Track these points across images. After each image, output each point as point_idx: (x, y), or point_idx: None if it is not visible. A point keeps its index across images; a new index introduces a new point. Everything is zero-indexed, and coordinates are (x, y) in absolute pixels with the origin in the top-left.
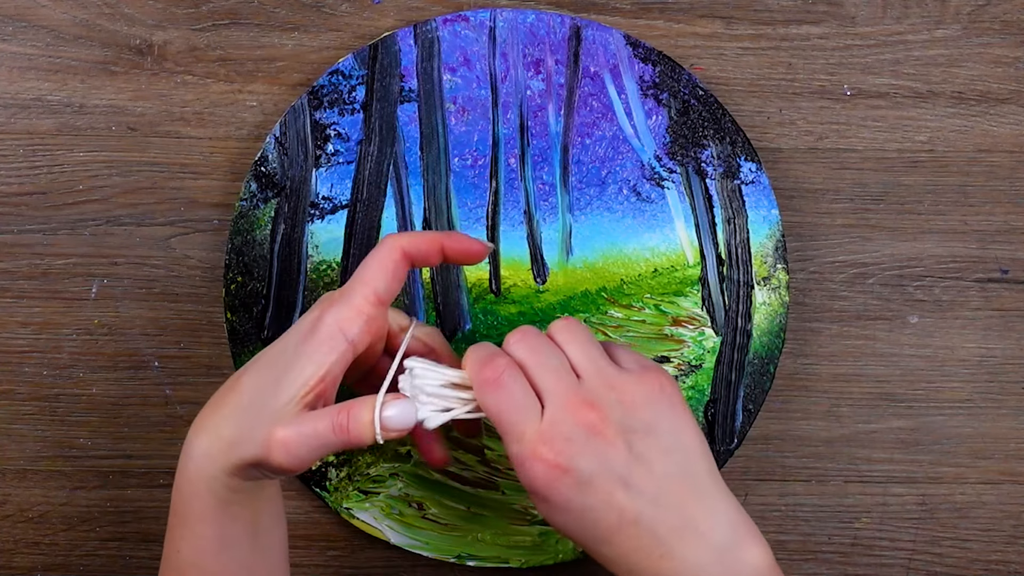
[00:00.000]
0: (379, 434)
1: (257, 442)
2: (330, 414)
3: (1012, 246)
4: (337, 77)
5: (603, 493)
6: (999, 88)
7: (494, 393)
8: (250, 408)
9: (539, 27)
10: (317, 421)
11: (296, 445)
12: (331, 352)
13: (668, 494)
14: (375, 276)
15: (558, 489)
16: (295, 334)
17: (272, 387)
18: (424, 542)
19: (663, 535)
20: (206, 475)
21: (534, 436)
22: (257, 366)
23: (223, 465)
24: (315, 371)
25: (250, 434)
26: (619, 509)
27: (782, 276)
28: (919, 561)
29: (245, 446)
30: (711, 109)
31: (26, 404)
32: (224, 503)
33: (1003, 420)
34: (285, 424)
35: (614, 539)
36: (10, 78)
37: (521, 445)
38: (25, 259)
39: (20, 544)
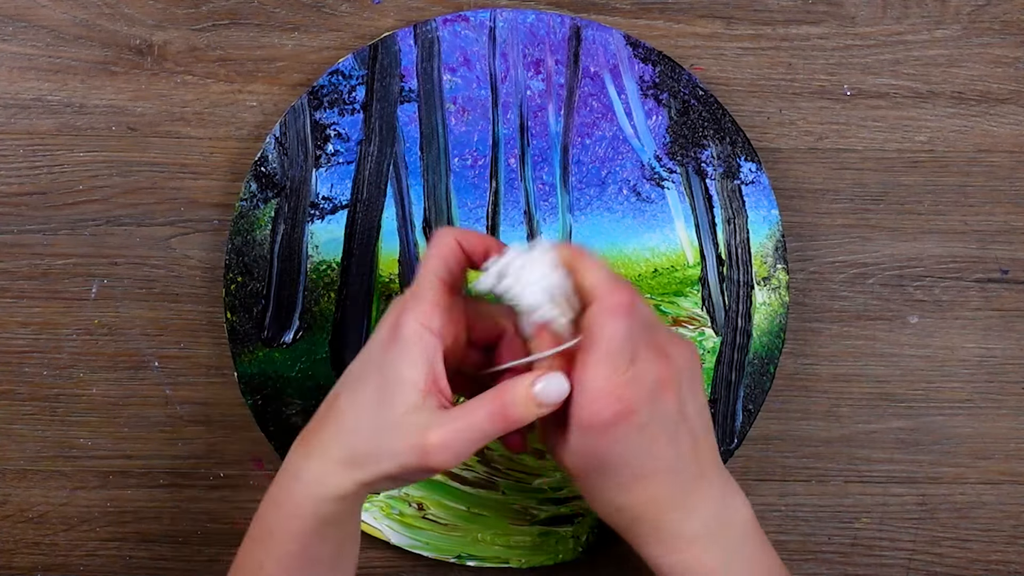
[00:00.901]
0: (538, 409)
1: (397, 454)
2: (484, 405)
3: (1012, 246)
4: (337, 77)
5: (650, 440)
6: (999, 88)
7: (625, 319)
8: (359, 427)
9: (539, 27)
10: (471, 415)
11: (457, 442)
12: (424, 350)
13: (694, 450)
14: (438, 266)
15: (618, 428)
16: (377, 344)
17: (377, 401)
18: (424, 542)
19: (682, 484)
20: (316, 496)
21: (625, 375)
22: (350, 385)
23: (337, 487)
24: (418, 373)
25: (377, 451)
26: (656, 457)
27: (782, 276)
28: (919, 561)
29: (376, 464)
30: (711, 109)
31: (26, 404)
32: (323, 523)
33: (1003, 420)
34: (436, 427)
35: (639, 486)
36: (10, 78)
37: (613, 378)
38: (25, 259)
39: (20, 544)
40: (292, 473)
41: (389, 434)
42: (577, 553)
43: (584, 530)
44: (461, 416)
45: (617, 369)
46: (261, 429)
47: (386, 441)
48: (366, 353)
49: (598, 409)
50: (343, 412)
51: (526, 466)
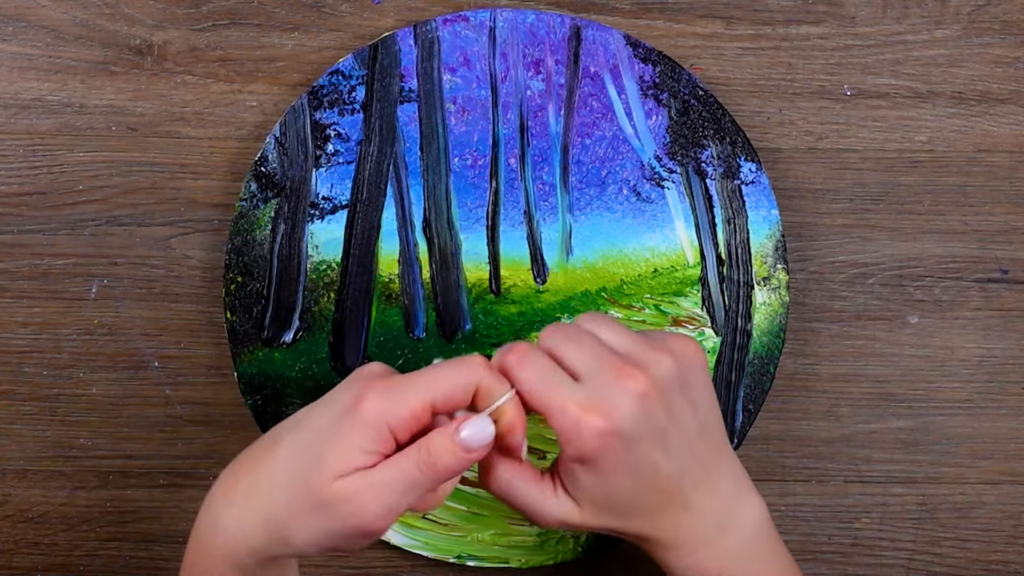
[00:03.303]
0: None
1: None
2: (411, 455)
3: (1012, 246)
4: (337, 77)
5: (645, 452)
6: (999, 88)
7: (520, 370)
8: (292, 486)
9: (539, 27)
10: (398, 464)
11: (386, 497)
12: (373, 443)
13: (694, 449)
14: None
15: (609, 453)
16: (333, 409)
17: (315, 466)
18: (424, 542)
19: (687, 487)
20: (234, 549)
21: (577, 407)
22: (293, 441)
23: (258, 543)
24: (362, 460)
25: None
26: (655, 466)
27: (782, 276)
28: (919, 561)
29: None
30: (711, 109)
31: (26, 404)
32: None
33: (1003, 420)
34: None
35: (648, 498)
36: (10, 78)
37: (565, 416)
38: (25, 259)
39: (20, 544)
40: (211, 520)
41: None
42: (577, 553)
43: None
44: (388, 468)
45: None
46: (261, 429)
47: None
48: (319, 415)
49: (582, 445)
50: (278, 468)
51: None
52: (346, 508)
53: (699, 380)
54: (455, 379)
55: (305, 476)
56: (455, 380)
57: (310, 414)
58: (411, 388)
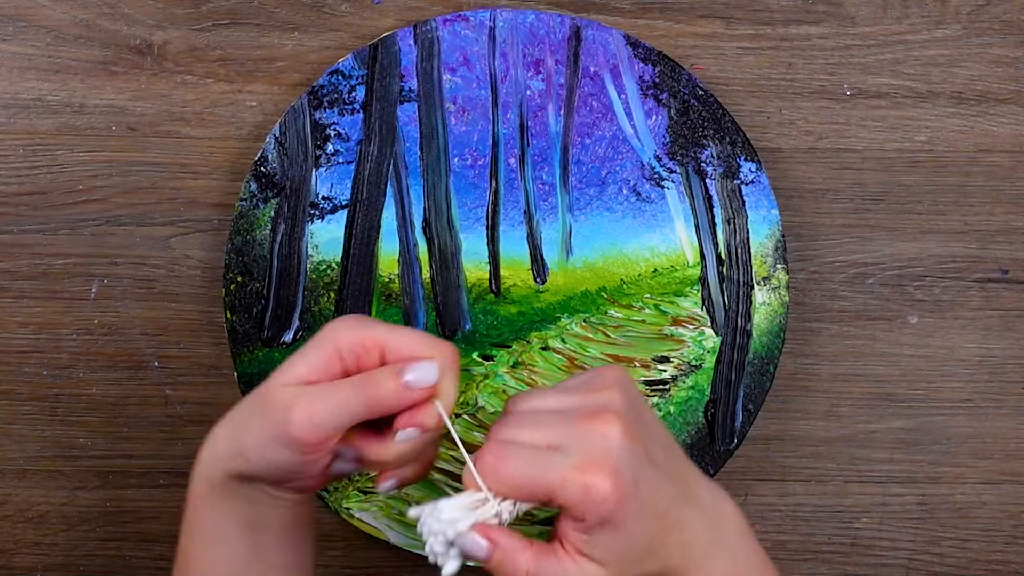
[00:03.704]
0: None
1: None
2: (349, 380)
3: (1012, 246)
4: (337, 77)
5: (645, 486)
6: (999, 88)
7: (504, 467)
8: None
9: (539, 27)
10: (336, 385)
11: (318, 411)
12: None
13: (668, 468)
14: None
15: (624, 504)
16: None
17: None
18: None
19: (680, 505)
20: (207, 466)
21: (577, 471)
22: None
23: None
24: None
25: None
26: (654, 496)
27: (782, 276)
28: (919, 561)
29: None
30: (711, 109)
31: (26, 404)
32: (218, 491)
33: (1003, 420)
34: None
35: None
36: (10, 78)
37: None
38: (25, 259)
39: (20, 544)
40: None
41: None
42: None
43: None
44: (327, 388)
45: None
46: None
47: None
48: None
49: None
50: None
51: None
52: (281, 413)
53: (641, 400)
54: (418, 343)
55: (263, 388)
56: (417, 344)
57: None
58: (375, 325)
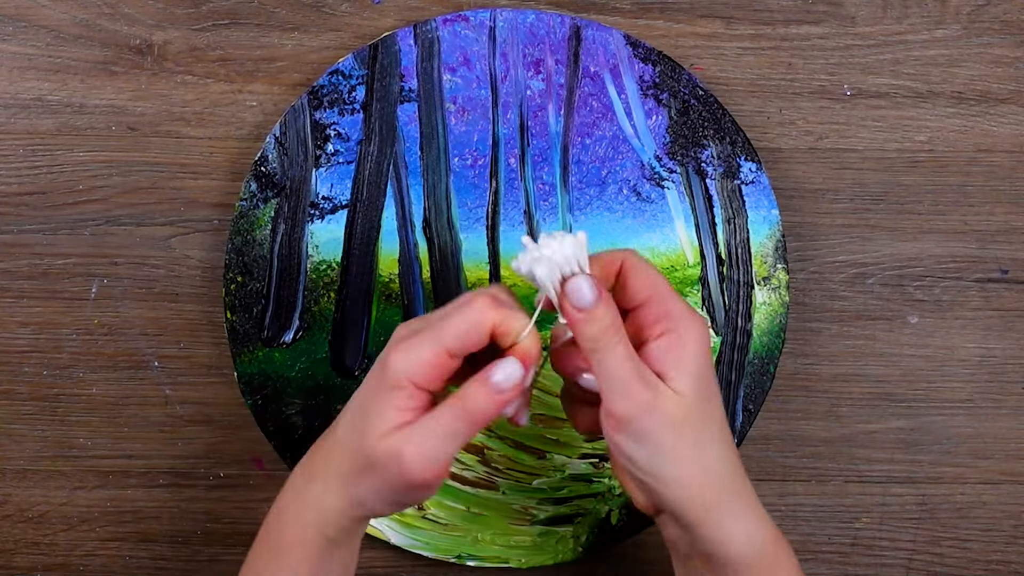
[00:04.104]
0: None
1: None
2: (448, 407)
3: (1012, 246)
4: (337, 77)
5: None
6: (999, 88)
7: (645, 264)
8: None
9: (539, 27)
10: (436, 416)
11: (430, 448)
12: (405, 401)
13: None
14: (455, 334)
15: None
16: (371, 377)
17: (363, 430)
18: (424, 542)
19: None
20: (320, 519)
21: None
22: (345, 415)
23: (336, 508)
24: (399, 417)
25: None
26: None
27: (782, 276)
28: (919, 561)
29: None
30: (711, 109)
31: (26, 404)
32: (329, 544)
33: (1003, 420)
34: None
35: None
36: (10, 78)
37: (686, 306)
38: (25, 259)
39: (20, 544)
40: (298, 495)
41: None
42: (577, 553)
43: (584, 530)
44: (428, 423)
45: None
46: (261, 429)
47: (366, 464)
48: (364, 385)
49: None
50: (339, 442)
51: (526, 466)
52: (394, 465)
53: None
54: (462, 325)
55: (357, 442)
56: (462, 326)
57: (358, 391)
58: (423, 341)
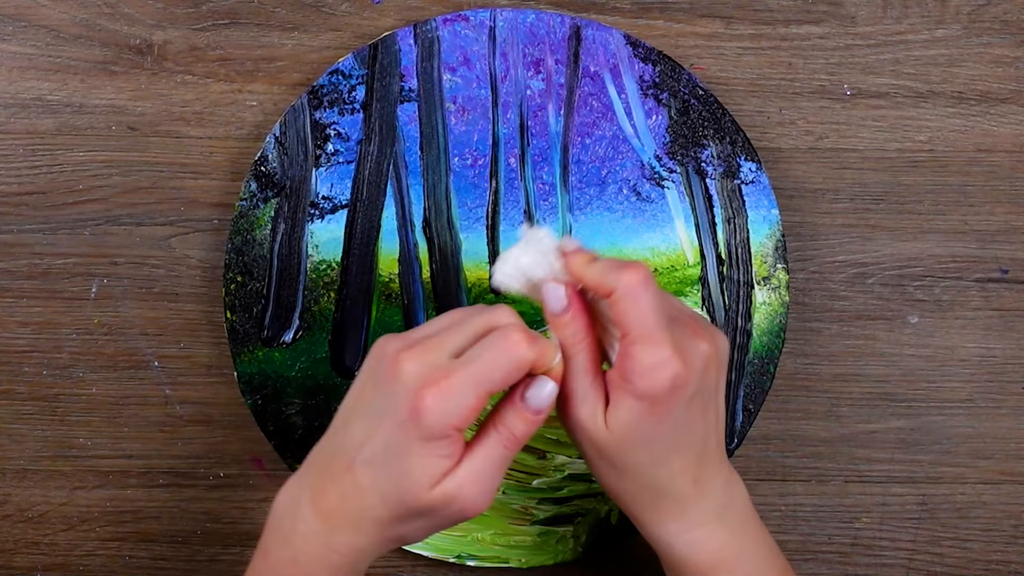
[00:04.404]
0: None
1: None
2: (490, 439)
3: (1012, 246)
4: (337, 77)
5: (693, 411)
6: (999, 88)
7: (645, 293)
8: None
9: (539, 27)
10: (484, 452)
11: (485, 480)
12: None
13: (717, 427)
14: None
15: (672, 399)
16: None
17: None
18: (424, 542)
19: (704, 460)
20: (354, 561)
21: (672, 348)
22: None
23: (376, 551)
24: (447, 465)
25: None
26: (692, 428)
27: (782, 276)
28: (919, 561)
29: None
30: (711, 109)
31: (26, 404)
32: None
33: (1003, 420)
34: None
35: (672, 457)
36: (10, 78)
37: (659, 352)
38: (25, 259)
39: (20, 544)
40: (319, 541)
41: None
42: (577, 553)
43: (584, 530)
44: (476, 461)
45: (659, 343)
46: (261, 429)
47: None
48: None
49: (658, 382)
50: (366, 491)
51: (526, 466)
52: (450, 508)
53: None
54: (505, 366)
55: (399, 495)
56: (506, 367)
57: (372, 434)
58: (467, 387)
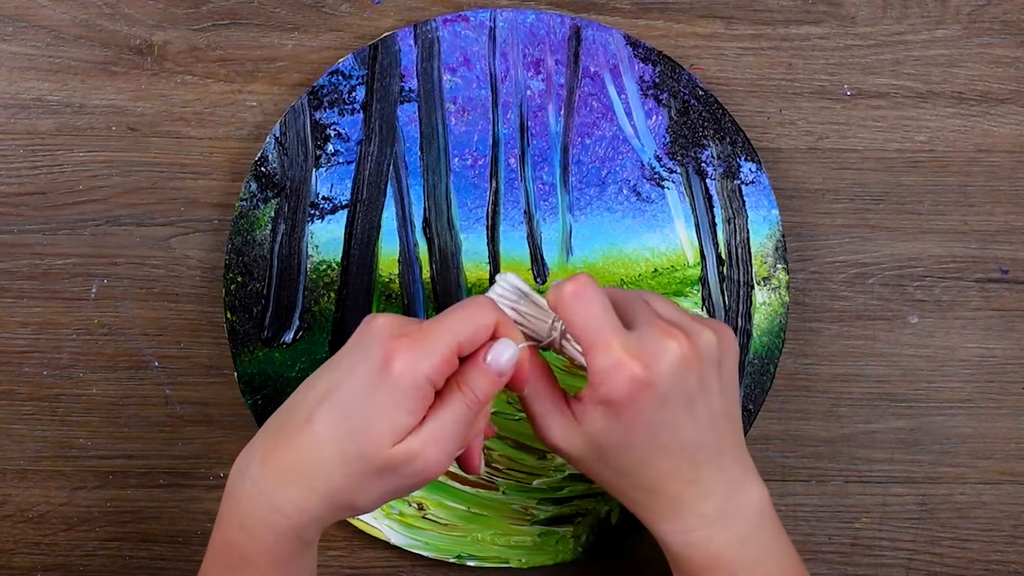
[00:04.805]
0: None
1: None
2: (454, 399)
3: (1012, 246)
4: (337, 77)
5: (671, 412)
6: (999, 88)
7: (576, 301)
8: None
9: (539, 27)
10: (448, 411)
11: (447, 440)
12: (422, 400)
13: (714, 426)
14: (463, 334)
15: (636, 402)
16: (362, 374)
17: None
18: (424, 542)
19: (700, 461)
20: (300, 524)
21: (621, 350)
22: (330, 415)
23: (322, 518)
24: (412, 420)
25: (365, 484)
26: (676, 429)
27: (782, 276)
28: (919, 561)
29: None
30: (711, 109)
31: (26, 404)
32: (305, 547)
33: (1003, 420)
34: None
35: (658, 460)
36: (10, 78)
37: (608, 355)
38: (25, 259)
39: (20, 544)
40: (267, 500)
41: (378, 465)
42: (577, 553)
43: (584, 530)
44: (440, 420)
45: (604, 348)
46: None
47: (375, 470)
48: (352, 380)
49: (614, 387)
50: (322, 443)
51: (526, 466)
52: (411, 467)
53: (732, 366)
54: (475, 320)
55: (358, 449)
56: (475, 321)
57: (339, 383)
58: (437, 338)
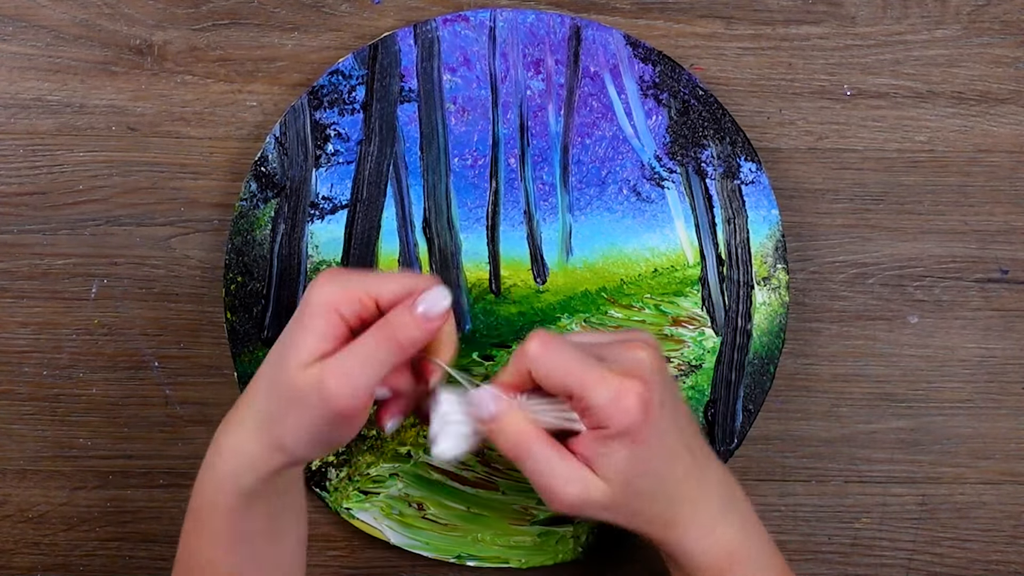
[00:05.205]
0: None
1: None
2: (373, 334)
3: (1012, 246)
4: (337, 77)
5: (670, 415)
6: (999, 88)
7: (548, 355)
8: (268, 394)
9: (539, 27)
10: (359, 344)
11: (354, 374)
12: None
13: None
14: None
15: (650, 418)
16: (295, 312)
17: (282, 363)
18: (424, 542)
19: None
20: (236, 470)
21: (615, 377)
22: (269, 354)
23: (254, 455)
24: (320, 346)
25: (281, 410)
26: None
27: (782, 276)
28: (919, 561)
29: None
30: (711, 109)
31: (26, 404)
32: (248, 497)
33: (1003, 420)
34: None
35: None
36: (10, 78)
37: (607, 386)
38: (25, 259)
39: (20, 544)
40: (214, 451)
41: (289, 390)
42: (577, 553)
43: (584, 530)
44: (352, 350)
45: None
46: None
47: (287, 397)
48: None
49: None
50: (258, 378)
51: None
52: (316, 395)
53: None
54: (403, 280)
55: (277, 376)
56: (402, 281)
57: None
58: (357, 277)
